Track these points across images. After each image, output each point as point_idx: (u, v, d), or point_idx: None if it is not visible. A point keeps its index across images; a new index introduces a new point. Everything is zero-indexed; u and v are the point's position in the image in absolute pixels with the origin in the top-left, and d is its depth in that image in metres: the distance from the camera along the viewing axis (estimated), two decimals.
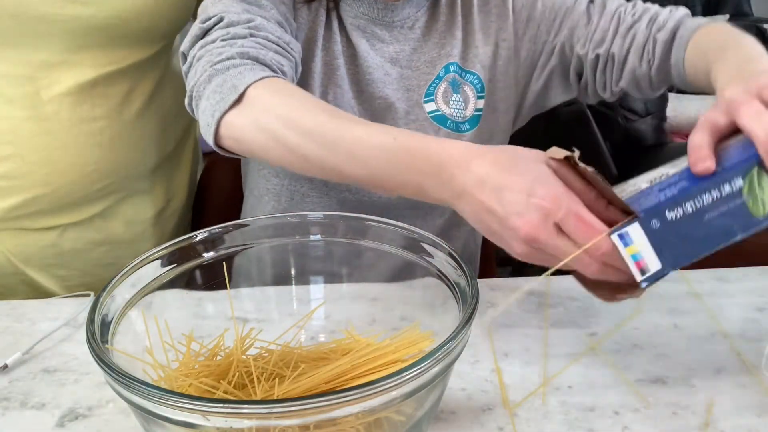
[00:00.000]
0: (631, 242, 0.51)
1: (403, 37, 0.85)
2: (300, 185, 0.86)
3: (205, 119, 0.68)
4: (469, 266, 0.54)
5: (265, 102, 0.66)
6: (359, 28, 0.84)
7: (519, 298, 0.74)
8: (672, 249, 0.52)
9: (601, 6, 0.84)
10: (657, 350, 0.65)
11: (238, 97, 0.65)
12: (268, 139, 0.64)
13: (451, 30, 0.87)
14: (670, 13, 0.80)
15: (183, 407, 0.41)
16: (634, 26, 0.81)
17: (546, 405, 0.58)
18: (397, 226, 0.61)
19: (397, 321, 0.62)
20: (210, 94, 0.67)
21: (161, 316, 0.56)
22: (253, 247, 0.63)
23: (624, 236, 0.51)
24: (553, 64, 0.86)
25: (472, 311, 0.48)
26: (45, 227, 0.81)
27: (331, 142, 0.62)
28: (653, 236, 0.51)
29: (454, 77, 0.86)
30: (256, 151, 0.67)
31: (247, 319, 0.62)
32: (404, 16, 0.85)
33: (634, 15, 0.82)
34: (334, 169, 0.63)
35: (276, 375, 0.54)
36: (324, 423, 0.42)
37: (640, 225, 0.51)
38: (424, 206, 0.88)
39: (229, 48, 0.69)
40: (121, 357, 0.50)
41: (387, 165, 0.60)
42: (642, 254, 0.51)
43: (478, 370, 0.63)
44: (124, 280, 0.54)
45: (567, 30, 0.84)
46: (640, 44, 0.80)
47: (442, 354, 0.45)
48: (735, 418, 0.56)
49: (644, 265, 0.52)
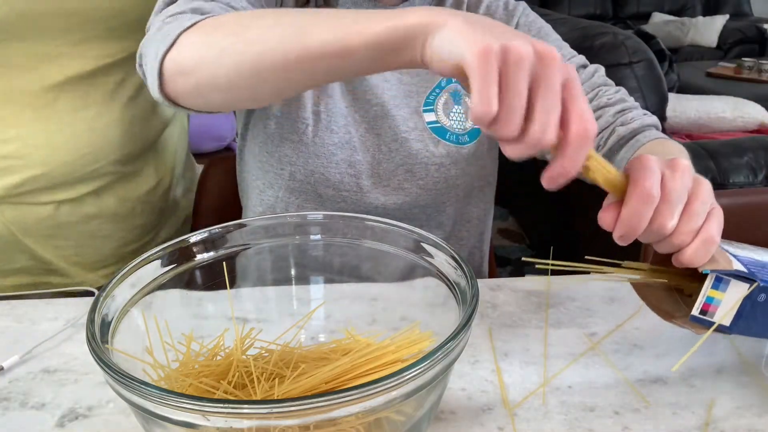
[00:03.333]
0: (721, 290, 0.53)
1: None
2: (295, 197, 0.86)
3: (150, 65, 0.62)
4: (469, 266, 0.54)
5: (213, 22, 0.59)
6: None
7: (519, 298, 0.74)
8: (747, 321, 0.54)
9: (588, 75, 0.82)
10: (657, 350, 0.65)
11: (181, 31, 0.59)
12: (218, 53, 0.57)
13: None
14: (642, 116, 0.77)
15: (183, 407, 0.41)
16: (604, 109, 0.78)
17: (546, 405, 0.58)
18: (397, 226, 0.61)
19: (397, 321, 0.62)
20: (155, 42, 0.62)
21: (161, 316, 0.56)
22: (253, 247, 0.63)
23: (721, 281, 0.53)
24: None
25: (472, 311, 0.48)
26: (43, 202, 0.87)
27: (296, 36, 0.53)
28: (745, 304, 0.53)
29: (456, 88, 0.86)
30: (206, 74, 0.58)
31: (247, 319, 0.62)
32: None
33: (610, 99, 0.79)
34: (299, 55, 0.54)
35: (276, 375, 0.54)
36: (324, 423, 0.42)
37: (749, 290, 0.52)
38: (421, 217, 0.88)
39: (185, 5, 0.64)
40: (121, 357, 0.50)
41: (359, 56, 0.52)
42: (720, 305, 0.53)
43: (478, 370, 0.63)
44: (124, 280, 0.54)
45: None
46: (600, 128, 0.78)
47: (442, 354, 0.45)
48: (735, 418, 0.56)
49: (711, 312, 0.53)
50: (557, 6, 4.73)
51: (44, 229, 0.89)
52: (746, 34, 4.64)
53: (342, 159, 0.84)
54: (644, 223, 0.50)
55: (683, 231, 0.52)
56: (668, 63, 2.47)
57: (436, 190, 0.86)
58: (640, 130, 0.75)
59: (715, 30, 4.65)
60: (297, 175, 0.85)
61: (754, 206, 0.93)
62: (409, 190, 0.86)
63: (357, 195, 0.85)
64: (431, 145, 0.85)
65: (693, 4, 5.13)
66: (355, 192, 0.85)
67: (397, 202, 0.86)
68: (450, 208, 0.89)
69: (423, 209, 0.87)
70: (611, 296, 0.75)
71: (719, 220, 0.53)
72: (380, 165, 0.85)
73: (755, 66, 3.54)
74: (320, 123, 0.82)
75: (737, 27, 4.69)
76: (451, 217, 0.90)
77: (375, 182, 0.85)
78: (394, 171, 0.85)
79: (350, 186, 0.85)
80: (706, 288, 0.53)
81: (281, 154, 0.85)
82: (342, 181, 0.85)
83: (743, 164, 1.44)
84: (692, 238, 0.52)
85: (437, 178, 0.86)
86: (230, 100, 0.61)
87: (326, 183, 0.84)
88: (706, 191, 0.52)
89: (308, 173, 0.84)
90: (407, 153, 0.85)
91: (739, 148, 1.46)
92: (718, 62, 3.92)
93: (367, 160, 0.85)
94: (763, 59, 3.67)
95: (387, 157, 0.85)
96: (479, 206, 0.93)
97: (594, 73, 0.82)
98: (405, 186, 0.86)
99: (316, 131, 0.83)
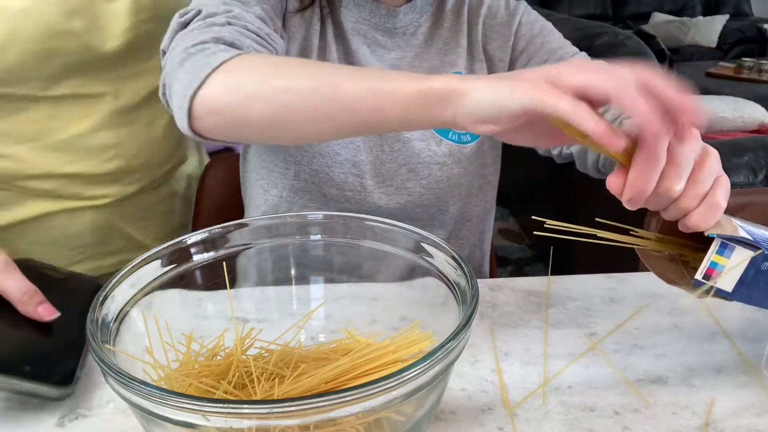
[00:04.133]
0: (726, 256, 0.53)
1: (405, 44, 0.85)
2: (299, 197, 0.86)
3: (178, 102, 0.63)
4: (469, 266, 0.54)
5: (243, 65, 0.61)
6: (360, 34, 0.83)
7: (519, 298, 0.74)
8: (749, 289, 0.54)
9: None
10: (657, 350, 0.65)
11: (210, 71, 0.60)
12: (250, 97, 0.59)
13: (456, 37, 0.86)
14: None
15: (183, 407, 0.41)
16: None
17: (546, 405, 0.58)
18: (397, 226, 0.61)
19: (397, 321, 0.62)
20: (182, 76, 0.63)
21: (161, 316, 0.56)
22: (253, 247, 0.63)
23: (726, 247, 0.53)
24: None
25: (472, 311, 0.48)
26: (132, 185, 0.95)
27: (329, 88, 0.56)
28: (749, 271, 0.53)
29: None
30: (237, 116, 0.60)
31: (247, 319, 0.62)
32: (407, 23, 0.84)
33: None
34: (328, 114, 0.57)
35: (276, 375, 0.54)
36: (324, 423, 0.42)
37: (753, 257, 0.53)
38: (424, 216, 0.88)
39: (206, 33, 0.65)
40: (121, 357, 0.50)
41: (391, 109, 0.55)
42: (723, 270, 0.53)
43: (478, 370, 0.63)
44: (124, 280, 0.54)
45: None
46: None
47: (442, 354, 0.45)
48: (735, 418, 0.56)
49: (714, 276, 0.53)
50: (557, 6, 4.74)
51: (137, 211, 0.96)
52: (746, 34, 4.64)
53: (346, 159, 0.84)
54: (651, 186, 0.50)
55: (689, 195, 0.52)
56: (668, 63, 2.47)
57: (438, 190, 0.87)
58: None
59: (715, 30, 4.66)
60: (302, 174, 0.85)
61: (754, 206, 0.93)
62: (411, 190, 0.86)
63: (360, 195, 0.85)
64: (433, 145, 0.85)
65: (693, 4, 5.14)
66: (359, 192, 0.85)
67: (400, 201, 0.86)
68: (452, 207, 0.89)
69: (426, 209, 0.87)
70: (611, 296, 0.75)
71: (726, 188, 0.54)
72: (383, 165, 0.85)
73: (755, 66, 3.54)
74: None
75: (737, 27, 4.69)
76: (453, 217, 0.90)
77: (378, 182, 0.85)
78: (397, 171, 0.85)
79: (354, 186, 0.85)
80: (711, 253, 0.53)
81: (286, 153, 0.85)
82: (346, 180, 0.85)
83: (743, 164, 1.44)
84: (699, 202, 0.52)
85: (440, 178, 0.86)
86: (262, 138, 0.69)
87: (330, 183, 0.85)
88: (713, 158, 0.53)
89: (312, 173, 0.84)
90: (410, 153, 0.85)
91: (739, 148, 1.46)
92: (718, 62, 3.92)
93: (371, 159, 0.85)
94: (763, 59, 3.67)
95: (390, 156, 0.85)
96: (480, 205, 0.93)
97: None
98: (408, 186, 0.86)
99: None
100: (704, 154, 0.53)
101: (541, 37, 0.86)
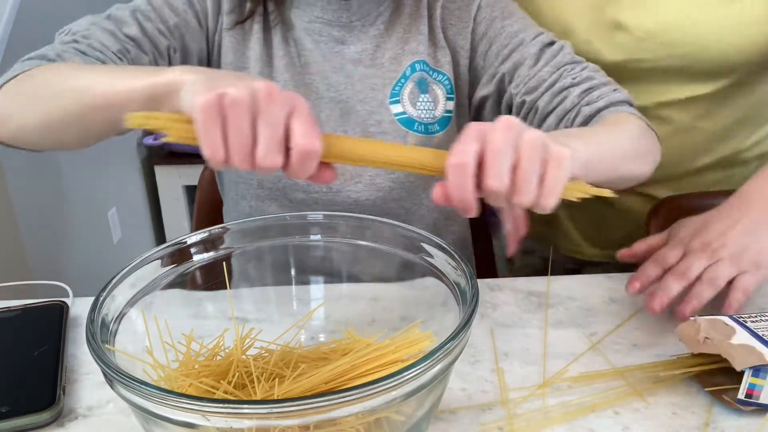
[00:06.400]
0: (761, 378, 0.55)
1: (365, 35, 0.82)
2: (267, 205, 0.84)
3: None
4: (469, 266, 0.54)
5: (21, 78, 0.66)
6: (315, 33, 0.81)
7: (519, 299, 0.74)
8: None
9: (552, 55, 0.79)
10: (657, 350, 0.65)
11: (3, 82, 0.66)
12: (22, 107, 0.64)
13: (416, 23, 0.83)
14: (611, 93, 0.75)
15: (183, 407, 0.41)
16: (569, 90, 0.76)
17: (546, 405, 0.58)
18: (398, 226, 0.61)
19: (397, 321, 0.62)
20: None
21: (161, 316, 0.56)
22: (253, 247, 0.63)
23: (759, 370, 0.55)
24: (490, 89, 0.82)
25: (472, 311, 0.48)
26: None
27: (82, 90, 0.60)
28: None
29: (422, 76, 0.83)
30: (16, 119, 0.65)
31: (247, 319, 0.62)
32: (364, 14, 0.81)
33: (575, 78, 0.76)
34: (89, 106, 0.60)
35: (276, 375, 0.54)
36: (324, 423, 0.42)
37: None
38: (399, 211, 0.85)
39: (43, 49, 0.70)
40: (121, 357, 0.50)
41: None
42: (763, 389, 0.55)
43: (478, 370, 0.63)
44: (124, 280, 0.54)
45: (512, 63, 0.80)
46: (565, 109, 0.75)
47: (442, 354, 0.45)
48: (735, 418, 0.56)
49: (755, 396, 0.55)
50: None
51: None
52: None
53: None
54: (467, 192, 0.48)
55: (521, 189, 0.48)
56: None
57: (409, 183, 0.84)
58: (607, 108, 0.73)
59: None
60: (265, 183, 0.83)
61: None
62: (381, 185, 0.83)
63: (328, 195, 0.83)
64: (400, 137, 0.82)
65: None
66: (326, 192, 0.83)
67: (370, 198, 0.83)
68: (428, 200, 0.86)
69: (399, 203, 0.85)
70: (611, 296, 0.75)
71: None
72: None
73: None
74: None
75: None
76: (432, 210, 0.88)
77: (345, 180, 0.83)
78: (365, 167, 0.84)
79: (319, 187, 0.82)
80: (746, 380, 0.55)
81: None
82: (310, 183, 0.83)
83: None
84: (537, 193, 0.49)
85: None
86: (46, 145, 0.69)
87: (295, 187, 0.82)
88: (529, 142, 0.48)
89: (275, 179, 0.82)
90: None
91: None
92: None
93: None
94: None
95: None
96: None
97: (559, 52, 0.79)
98: (377, 181, 0.83)
99: None
100: (524, 139, 0.49)
101: (501, 20, 0.82)
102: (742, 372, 0.55)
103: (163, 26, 0.76)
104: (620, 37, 0.86)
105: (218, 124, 0.48)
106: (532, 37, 0.80)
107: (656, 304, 0.66)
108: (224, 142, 0.48)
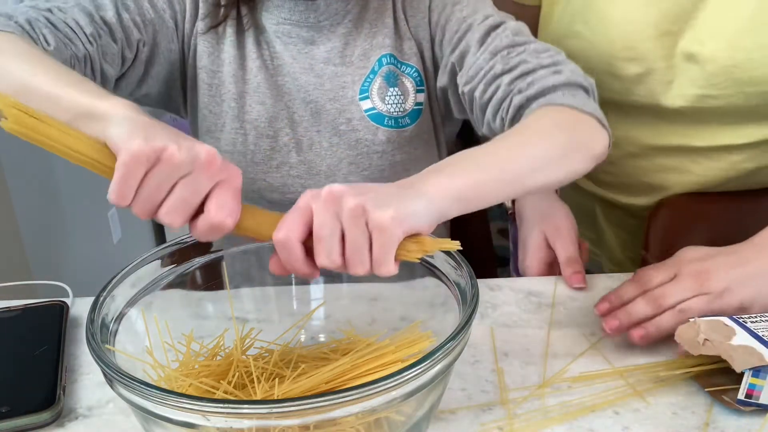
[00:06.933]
0: (761, 378, 0.55)
1: (333, 35, 0.81)
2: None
3: None
4: (469, 266, 0.54)
5: None
6: (284, 35, 0.80)
7: (519, 299, 0.74)
8: None
9: (492, 39, 0.74)
10: (657, 350, 0.65)
11: None
12: None
13: (382, 17, 0.81)
14: (550, 75, 0.68)
15: (183, 407, 0.41)
16: (500, 78, 0.71)
17: (546, 405, 0.58)
18: None
19: (397, 321, 0.62)
20: None
21: (161, 316, 0.56)
22: (254, 246, 0.63)
23: (759, 371, 0.55)
24: (444, 81, 0.79)
25: (472, 311, 0.48)
26: None
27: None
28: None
29: (389, 70, 0.81)
30: None
31: (247, 319, 0.62)
32: (332, 13, 0.80)
33: (507, 64, 0.71)
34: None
35: (276, 375, 0.54)
36: (324, 423, 0.42)
37: None
38: None
39: (12, 8, 0.67)
40: (121, 357, 0.50)
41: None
42: (762, 390, 0.55)
43: (478, 370, 0.63)
44: (124, 280, 0.54)
45: (459, 52, 0.76)
46: (499, 100, 0.71)
47: (442, 354, 0.45)
48: (735, 418, 0.56)
49: (755, 396, 0.55)
50: None
51: None
52: None
53: (281, 162, 0.82)
54: (299, 264, 0.50)
55: (352, 263, 0.49)
56: None
57: (383, 179, 0.82)
58: (539, 95, 0.67)
59: None
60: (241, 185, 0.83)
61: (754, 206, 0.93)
62: (356, 183, 0.83)
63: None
64: (370, 133, 0.81)
65: None
66: (300, 192, 0.83)
67: None
68: None
69: None
70: None
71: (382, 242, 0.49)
72: (323, 161, 0.82)
73: None
74: (256, 130, 0.81)
75: None
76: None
77: (319, 180, 0.82)
78: (338, 165, 0.82)
79: (295, 188, 0.82)
80: (746, 381, 0.55)
81: None
82: (285, 183, 0.82)
83: None
84: (369, 263, 0.50)
85: (382, 166, 0.82)
86: None
87: (270, 189, 0.83)
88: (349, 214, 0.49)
89: (250, 182, 0.82)
90: (348, 145, 0.82)
91: None
92: None
93: (309, 158, 0.82)
94: None
95: (329, 152, 0.82)
96: None
97: (497, 37, 0.74)
98: (351, 179, 0.82)
99: (251, 139, 0.81)
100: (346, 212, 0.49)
101: (452, 6, 0.78)
102: (742, 372, 0.55)
103: (139, 19, 0.76)
104: (692, 71, 0.78)
105: (141, 174, 0.47)
106: (480, 20, 0.75)
107: (611, 325, 0.64)
108: (136, 190, 0.48)
